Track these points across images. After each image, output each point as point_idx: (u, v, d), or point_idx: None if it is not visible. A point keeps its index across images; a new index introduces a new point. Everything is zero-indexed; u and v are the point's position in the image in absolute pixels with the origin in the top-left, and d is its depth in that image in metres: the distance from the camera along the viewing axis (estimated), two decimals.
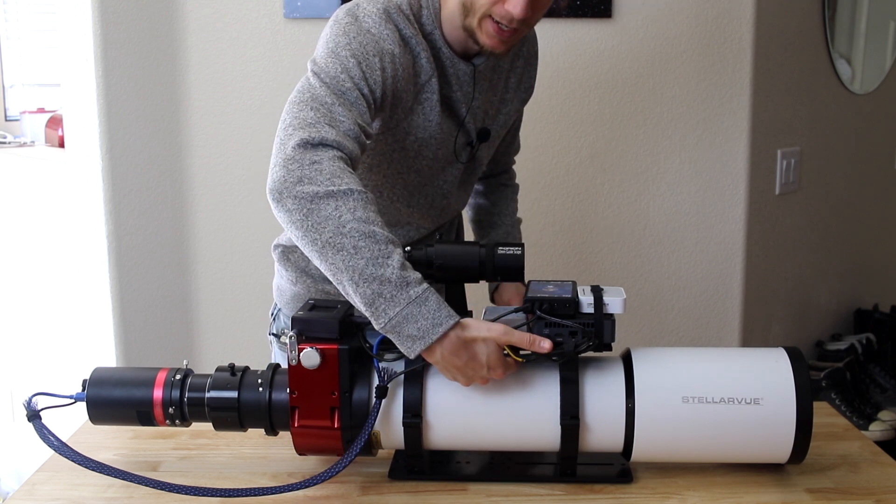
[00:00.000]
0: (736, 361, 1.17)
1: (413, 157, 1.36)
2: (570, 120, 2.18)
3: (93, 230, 2.13)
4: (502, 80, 1.45)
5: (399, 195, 1.40)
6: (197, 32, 2.07)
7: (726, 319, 2.29)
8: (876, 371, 2.56)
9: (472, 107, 1.38)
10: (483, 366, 1.11)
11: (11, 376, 2.89)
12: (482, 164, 1.50)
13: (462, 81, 1.36)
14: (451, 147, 1.39)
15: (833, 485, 1.18)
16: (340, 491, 1.17)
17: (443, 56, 1.33)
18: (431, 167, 1.39)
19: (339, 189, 1.09)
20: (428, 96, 1.32)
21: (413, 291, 1.09)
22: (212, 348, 2.19)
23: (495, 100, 1.45)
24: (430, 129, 1.34)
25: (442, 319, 1.10)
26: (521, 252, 1.18)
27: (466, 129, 1.40)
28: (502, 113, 1.47)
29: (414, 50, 1.29)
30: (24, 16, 3.21)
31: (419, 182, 1.40)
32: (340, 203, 1.09)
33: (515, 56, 1.47)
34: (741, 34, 2.16)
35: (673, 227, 2.25)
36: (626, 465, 1.21)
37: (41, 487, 1.19)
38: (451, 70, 1.34)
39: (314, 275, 1.46)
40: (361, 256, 1.08)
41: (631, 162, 2.21)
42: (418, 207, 1.43)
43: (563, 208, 2.22)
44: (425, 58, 1.30)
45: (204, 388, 1.18)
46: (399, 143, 1.34)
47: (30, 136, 3.09)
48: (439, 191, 1.44)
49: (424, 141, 1.35)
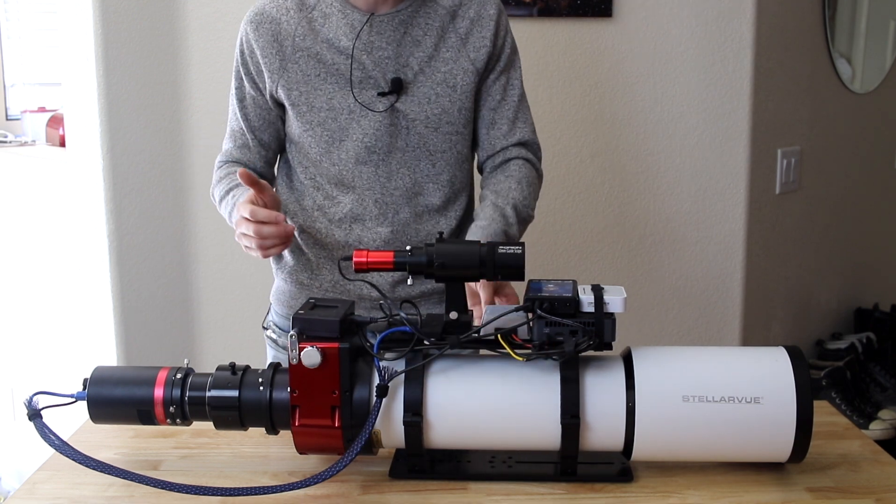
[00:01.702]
0: (736, 360, 1.17)
1: (306, 111, 1.50)
2: (570, 120, 2.18)
3: (94, 229, 2.14)
4: (432, 37, 1.50)
5: (318, 152, 1.52)
6: (198, 32, 2.07)
7: (726, 318, 2.29)
8: (876, 370, 2.56)
9: (375, 56, 1.48)
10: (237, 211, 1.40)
11: (12, 375, 2.89)
12: (421, 122, 1.50)
13: (358, 30, 1.47)
14: (349, 95, 1.48)
15: (833, 484, 1.18)
16: (341, 490, 1.17)
17: (332, 10, 1.48)
18: (336, 119, 1.49)
19: (211, 187, 1.61)
20: (301, 53, 1.48)
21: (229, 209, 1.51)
22: (212, 347, 2.19)
23: (421, 54, 1.49)
24: (316, 83, 1.49)
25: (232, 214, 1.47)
26: (522, 251, 1.19)
27: (373, 79, 1.48)
28: (439, 70, 1.50)
29: (274, 17, 1.49)
30: (25, 15, 3.21)
31: (328, 136, 1.51)
32: (214, 193, 1.59)
33: (453, 16, 1.51)
34: (742, 34, 2.16)
35: (673, 227, 2.25)
36: (626, 464, 1.21)
37: (42, 486, 1.20)
38: (342, 20, 1.48)
39: (291, 266, 1.60)
40: (227, 213, 1.53)
41: (631, 162, 2.21)
42: (343, 164, 1.52)
43: (563, 208, 2.22)
44: (286, 20, 1.49)
45: (205, 387, 1.18)
46: (291, 101, 1.50)
47: (31, 135, 3.09)
48: (361, 145, 1.50)
49: (313, 94, 1.49)
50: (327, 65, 1.48)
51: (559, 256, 2.23)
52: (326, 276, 1.56)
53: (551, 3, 2.12)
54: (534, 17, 2.11)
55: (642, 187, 2.22)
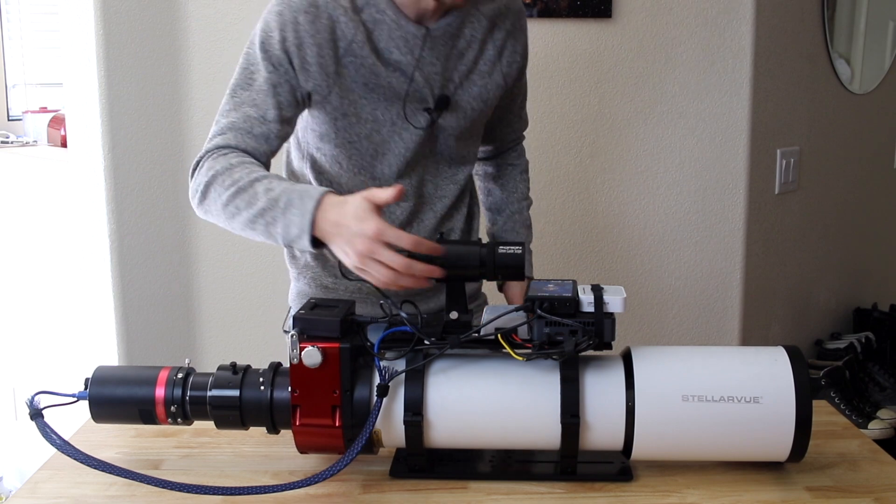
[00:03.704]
0: (735, 360, 1.17)
1: (356, 123, 1.41)
2: (570, 120, 2.19)
3: (95, 229, 2.14)
4: (473, 50, 1.44)
5: (357, 165, 1.44)
6: (199, 32, 2.08)
7: (726, 318, 2.30)
8: (875, 370, 2.56)
9: (426, 72, 1.40)
10: (353, 218, 1.19)
11: (14, 375, 2.89)
12: (453, 135, 1.48)
13: (412, 45, 1.38)
14: (398, 110, 1.40)
15: (832, 483, 1.18)
16: (342, 489, 1.18)
17: (386, 19, 1.37)
18: (379, 131, 1.42)
19: (209, 177, 1.30)
20: (353, 60, 1.36)
21: (281, 203, 1.24)
22: (213, 347, 2.20)
23: (463, 68, 1.44)
24: (363, 92, 1.39)
25: (306, 205, 1.22)
26: (522, 251, 1.19)
27: (420, 93, 1.41)
28: (476, 84, 1.46)
29: (331, 14, 1.35)
30: (26, 16, 3.21)
31: (373, 150, 1.43)
32: (214, 186, 1.30)
33: (492, 27, 1.46)
34: (741, 34, 2.16)
35: (673, 227, 2.25)
36: (626, 464, 1.22)
37: (43, 486, 1.20)
38: (396, 32, 1.37)
39: (315, 269, 1.52)
40: (242, 210, 1.27)
41: (631, 162, 2.22)
42: (384, 179, 1.45)
43: (563, 208, 2.22)
44: (345, 21, 1.35)
45: (206, 387, 1.18)
46: (337, 109, 1.40)
47: (32, 135, 3.10)
48: (402, 160, 1.44)
49: (360, 105, 1.39)
50: (380, 77, 1.38)
51: (559, 256, 2.23)
52: (353, 282, 1.54)
53: (551, 3, 2.13)
54: (534, 18, 2.11)
55: (642, 187, 2.22)
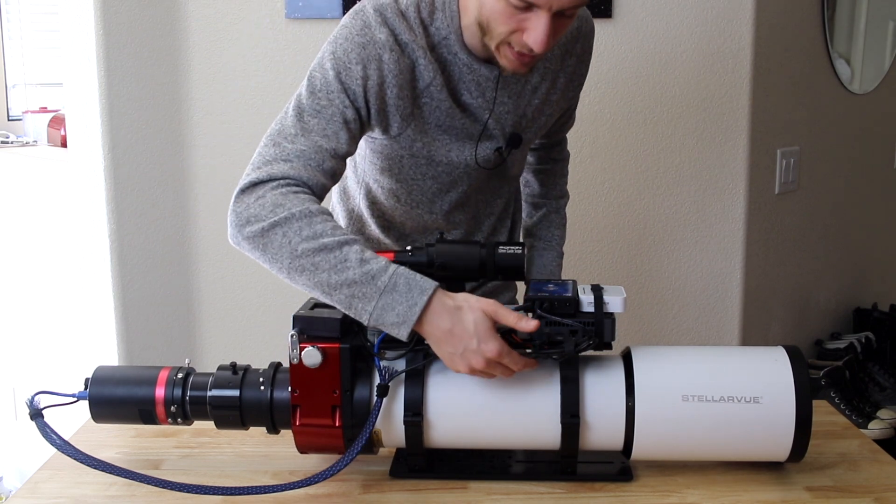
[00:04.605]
0: (735, 360, 1.17)
1: (425, 164, 1.34)
2: None
3: (95, 229, 2.14)
4: (546, 83, 1.38)
5: (418, 201, 1.39)
6: (198, 32, 2.08)
7: (726, 318, 2.30)
8: (875, 370, 2.56)
9: (497, 112, 1.34)
10: (472, 335, 1.10)
11: (14, 375, 2.89)
12: (515, 168, 1.45)
13: (484, 87, 1.31)
14: (470, 154, 1.35)
15: (832, 483, 1.18)
16: (342, 489, 1.18)
17: (458, 61, 1.29)
18: (449, 173, 1.36)
19: (281, 217, 1.13)
20: (428, 101, 1.29)
21: (380, 282, 1.11)
22: (213, 347, 2.20)
23: (536, 102, 1.38)
24: (436, 134, 1.32)
25: (415, 298, 1.11)
26: (522, 251, 1.19)
27: (492, 134, 1.35)
28: (544, 114, 1.41)
29: (412, 55, 1.26)
30: (26, 16, 3.22)
31: (437, 189, 1.38)
32: (286, 229, 1.13)
33: (564, 55, 1.39)
34: (741, 34, 2.16)
35: (673, 227, 2.25)
36: (626, 464, 1.22)
37: (43, 486, 1.20)
38: (468, 76, 1.30)
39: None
40: (322, 270, 1.12)
41: (631, 162, 2.21)
42: (442, 215, 1.41)
43: None
44: (424, 63, 1.26)
45: (206, 387, 1.18)
46: (406, 149, 1.32)
47: (32, 135, 3.10)
48: (465, 198, 1.41)
49: (433, 147, 1.33)
50: (455, 119, 1.31)
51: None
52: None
53: None
54: None
55: (642, 187, 2.22)
